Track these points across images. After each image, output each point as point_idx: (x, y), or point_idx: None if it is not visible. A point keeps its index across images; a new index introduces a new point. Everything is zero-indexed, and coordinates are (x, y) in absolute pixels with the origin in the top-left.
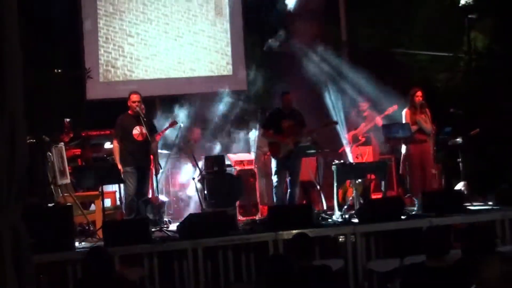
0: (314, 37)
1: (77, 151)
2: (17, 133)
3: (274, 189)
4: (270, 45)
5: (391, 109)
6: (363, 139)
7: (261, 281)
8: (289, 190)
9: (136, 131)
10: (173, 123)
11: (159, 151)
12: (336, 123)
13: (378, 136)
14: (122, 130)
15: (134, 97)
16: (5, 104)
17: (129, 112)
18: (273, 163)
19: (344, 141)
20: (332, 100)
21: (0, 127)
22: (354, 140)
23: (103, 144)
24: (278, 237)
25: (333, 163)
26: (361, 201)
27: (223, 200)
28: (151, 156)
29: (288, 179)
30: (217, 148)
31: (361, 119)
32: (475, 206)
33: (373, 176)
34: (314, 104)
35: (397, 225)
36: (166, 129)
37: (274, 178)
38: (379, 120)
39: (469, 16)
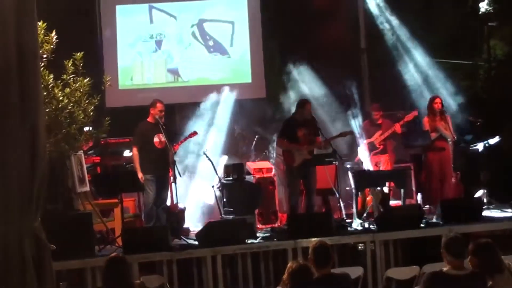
0: (334, 45)
1: (97, 159)
2: (38, 142)
3: (289, 199)
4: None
5: (411, 115)
6: (381, 147)
7: None
8: (306, 199)
9: (156, 139)
10: (193, 134)
11: (177, 158)
12: (352, 132)
13: (393, 144)
14: (142, 138)
15: (160, 106)
16: (26, 113)
17: (148, 119)
18: (287, 172)
19: (360, 150)
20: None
21: (22, 137)
22: (371, 148)
23: (122, 152)
24: (297, 245)
25: (352, 171)
26: (380, 209)
27: (242, 208)
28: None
29: (304, 188)
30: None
31: (376, 128)
32: (495, 214)
33: (392, 184)
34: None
35: (417, 233)
36: (185, 139)
37: (289, 188)
38: (398, 127)
39: (489, 24)
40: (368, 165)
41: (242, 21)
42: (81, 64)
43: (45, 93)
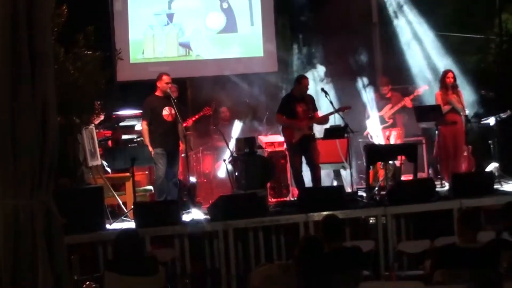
0: (346, 17)
1: (108, 133)
2: (48, 115)
3: (292, 176)
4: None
5: (421, 89)
6: (391, 121)
7: (292, 262)
8: (311, 174)
9: (165, 111)
10: (207, 110)
11: (189, 132)
12: (350, 108)
13: (404, 117)
14: (151, 111)
15: (166, 78)
16: (36, 86)
17: (156, 93)
18: (288, 148)
19: (369, 124)
20: (364, 85)
21: (32, 109)
22: (381, 122)
23: (134, 126)
24: (309, 219)
25: (364, 145)
26: (392, 183)
27: (253, 181)
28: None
29: (306, 164)
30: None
31: (385, 101)
32: (506, 188)
33: (404, 158)
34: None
35: (428, 206)
36: (199, 115)
37: (290, 164)
38: (409, 102)
39: None
40: (378, 138)
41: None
42: (93, 38)
43: (56, 67)
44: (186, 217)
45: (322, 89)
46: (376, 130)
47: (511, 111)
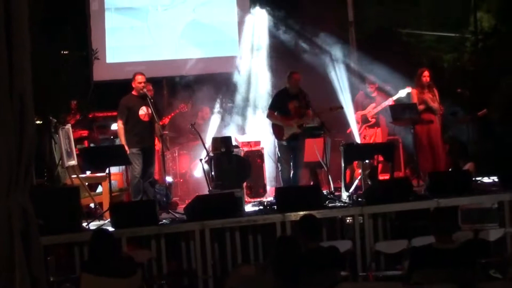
0: (322, 18)
1: (84, 133)
2: (26, 114)
3: (280, 173)
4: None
5: (404, 91)
6: (374, 120)
7: (269, 262)
8: (292, 172)
9: (142, 111)
10: (182, 107)
11: (165, 132)
12: (342, 107)
13: (387, 117)
14: (127, 111)
15: (139, 78)
16: (14, 85)
17: (133, 93)
18: (276, 146)
19: (352, 122)
20: (338, 81)
21: (9, 109)
22: (364, 121)
23: (110, 126)
24: (286, 219)
25: (341, 144)
26: (369, 182)
27: (230, 181)
28: (156, 137)
29: (291, 161)
30: (228, 130)
31: (370, 100)
32: (483, 187)
33: (380, 157)
34: (321, 85)
35: (405, 206)
36: (175, 113)
37: (279, 163)
38: (393, 103)
39: None
40: (357, 137)
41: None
42: (70, 37)
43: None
44: (162, 217)
45: (300, 89)
46: (355, 128)
47: (487, 110)
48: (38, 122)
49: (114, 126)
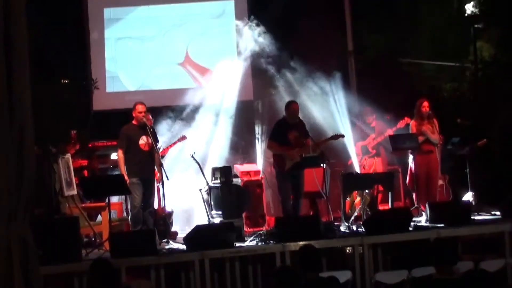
0: (321, 46)
1: (84, 162)
2: (26, 144)
3: (281, 204)
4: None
5: (403, 122)
6: (374, 151)
7: None
8: (293, 201)
9: (142, 141)
10: (182, 138)
11: (164, 162)
12: (343, 136)
13: (386, 147)
14: (128, 140)
15: (140, 108)
16: (14, 115)
17: (134, 122)
18: (277, 177)
19: (352, 153)
20: (338, 110)
21: (9, 138)
22: (364, 152)
23: (109, 155)
24: (285, 249)
25: (340, 173)
26: (368, 212)
27: (229, 211)
28: (156, 167)
29: (292, 191)
30: (225, 158)
31: (369, 130)
32: (483, 218)
33: (380, 187)
34: (321, 113)
35: (405, 236)
36: (175, 143)
37: (279, 193)
38: (391, 134)
39: (475, 25)
40: (357, 168)
41: (229, 22)
42: (70, 66)
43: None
44: (162, 247)
45: (298, 118)
46: (355, 159)
47: (487, 139)
48: (37, 151)
49: (114, 156)
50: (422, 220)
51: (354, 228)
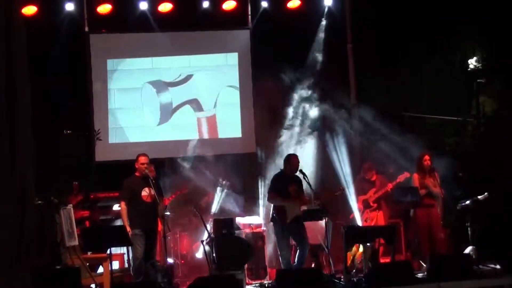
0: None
1: (86, 213)
2: (27, 195)
3: (280, 258)
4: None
5: (403, 176)
6: (375, 205)
7: None
8: (298, 252)
9: (145, 192)
10: (184, 188)
11: (167, 213)
12: (343, 189)
13: (387, 201)
14: (130, 192)
15: (142, 159)
16: (16, 166)
17: (136, 174)
18: (276, 229)
19: (354, 207)
20: (340, 163)
21: (10, 189)
22: (366, 206)
23: (111, 206)
24: None
25: (342, 226)
26: (370, 265)
27: (231, 263)
28: (159, 219)
29: (296, 242)
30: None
31: (370, 184)
32: (484, 271)
33: (382, 240)
34: (321, 165)
35: None
36: (176, 194)
37: (280, 246)
38: (391, 188)
39: (478, 80)
40: (359, 220)
41: (232, 77)
42: (72, 117)
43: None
44: None
45: (300, 171)
46: (357, 213)
47: (489, 194)
48: (39, 202)
49: (116, 207)
50: (423, 273)
51: (356, 281)
